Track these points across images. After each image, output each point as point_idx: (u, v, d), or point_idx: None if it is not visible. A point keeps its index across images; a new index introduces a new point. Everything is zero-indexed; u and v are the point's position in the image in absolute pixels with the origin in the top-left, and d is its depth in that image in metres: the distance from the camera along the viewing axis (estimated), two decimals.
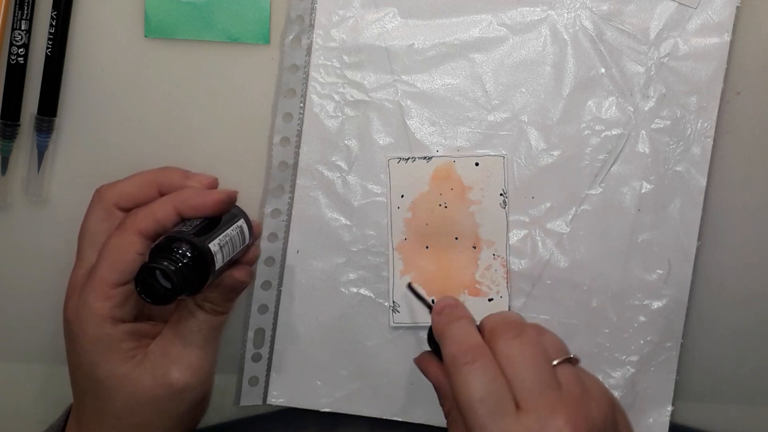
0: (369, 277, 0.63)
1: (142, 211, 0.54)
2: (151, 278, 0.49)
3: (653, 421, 0.63)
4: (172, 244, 0.50)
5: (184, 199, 0.54)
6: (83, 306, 0.53)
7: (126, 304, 0.53)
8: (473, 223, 0.63)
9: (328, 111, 0.62)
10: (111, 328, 0.53)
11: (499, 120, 0.62)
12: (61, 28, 0.61)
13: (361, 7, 0.62)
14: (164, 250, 0.50)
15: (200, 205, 0.54)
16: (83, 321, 0.53)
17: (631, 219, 0.63)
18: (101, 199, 0.56)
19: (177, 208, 0.53)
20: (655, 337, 0.63)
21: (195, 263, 0.50)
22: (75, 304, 0.53)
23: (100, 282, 0.52)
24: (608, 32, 0.62)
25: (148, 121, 0.63)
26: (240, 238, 0.55)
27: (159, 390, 0.53)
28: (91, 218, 0.56)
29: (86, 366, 0.53)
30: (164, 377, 0.53)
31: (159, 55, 0.62)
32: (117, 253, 0.52)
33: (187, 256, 0.50)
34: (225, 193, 0.55)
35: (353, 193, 0.63)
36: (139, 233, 0.53)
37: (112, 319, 0.53)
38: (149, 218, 0.53)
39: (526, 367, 0.48)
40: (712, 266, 0.64)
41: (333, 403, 0.64)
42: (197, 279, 0.51)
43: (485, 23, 0.62)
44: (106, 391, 0.53)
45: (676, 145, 0.62)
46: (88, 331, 0.52)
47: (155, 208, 0.53)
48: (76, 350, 0.53)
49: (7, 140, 0.62)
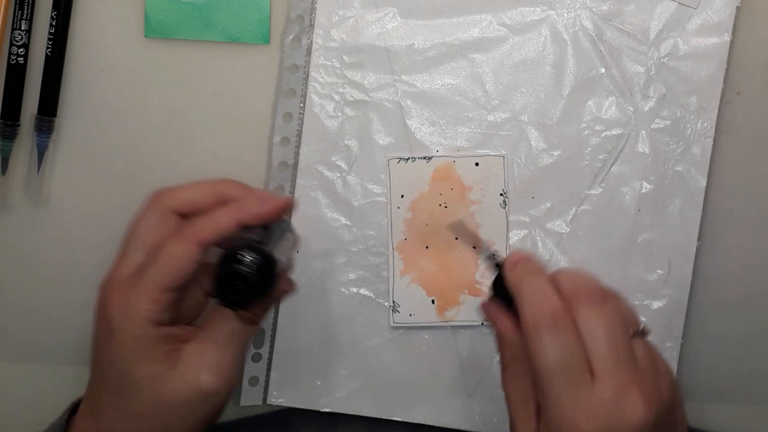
0: (369, 277, 0.63)
1: (204, 221, 0.53)
2: (229, 284, 0.50)
3: None
4: (247, 251, 0.51)
5: (247, 209, 0.54)
6: (129, 305, 0.53)
7: (170, 308, 0.54)
8: (473, 223, 0.63)
9: (328, 111, 0.62)
10: (153, 330, 0.53)
11: (499, 120, 0.62)
12: (61, 28, 0.61)
13: (361, 7, 0.62)
14: (238, 257, 0.51)
15: (262, 213, 0.54)
16: (127, 319, 0.52)
17: (631, 219, 0.63)
18: (159, 201, 0.55)
19: (239, 219, 0.53)
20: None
21: (266, 272, 0.51)
22: (120, 302, 0.53)
23: (152, 285, 0.52)
24: (608, 32, 0.62)
25: (148, 121, 0.63)
26: (289, 248, 0.56)
27: (189, 393, 0.54)
28: (145, 219, 0.55)
29: (120, 363, 0.53)
30: (196, 381, 0.53)
31: (159, 55, 0.62)
32: (174, 260, 0.52)
33: (261, 264, 0.51)
34: (284, 200, 0.55)
35: (353, 193, 0.63)
36: (199, 243, 0.53)
37: (154, 322, 0.53)
38: (212, 229, 0.53)
39: (607, 338, 0.48)
40: (712, 266, 0.64)
41: (333, 403, 0.64)
42: (265, 287, 0.51)
43: (485, 23, 0.62)
44: (137, 390, 0.53)
45: (676, 145, 0.62)
46: (130, 330, 0.52)
47: (218, 219, 0.53)
48: (112, 346, 0.53)
49: (7, 140, 0.62)
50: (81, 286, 0.64)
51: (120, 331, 0.53)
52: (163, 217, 0.55)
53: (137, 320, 0.52)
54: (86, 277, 0.64)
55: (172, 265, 0.52)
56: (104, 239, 0.64)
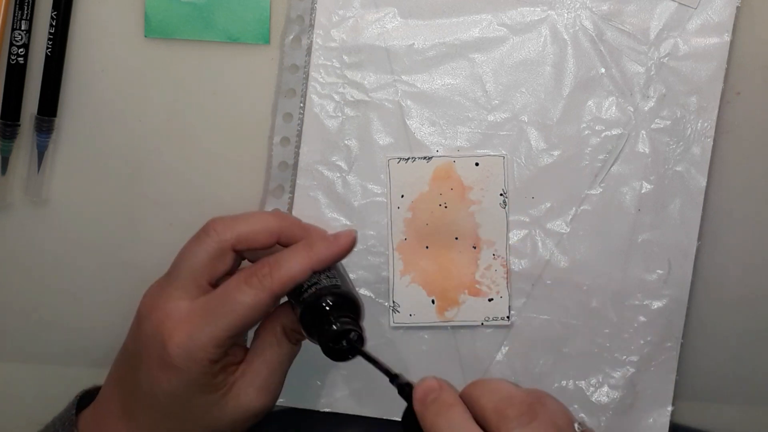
0: (369, 277, 0.63)
1: (279, 273, 0.53)
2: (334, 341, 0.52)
3: (653, 421, 0.63)
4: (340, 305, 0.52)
5: (319, 255, 0.53)
6: (195, 348, 0.52)
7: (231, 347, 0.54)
8: (473, 223, 0.63)
9: (328, 111, 0.62)
10: (213, 367, 0.53)
11: (499, 120, 0.62)
12: (61, 28, 0.61)
13: (361, 7, 0.62)
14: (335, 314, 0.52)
15: (333, 257, 0.54)
16: (191, 360, 0.52)
17: (631, 219, 0.63)
18: (217, 236, 0.54)
19: (313, 267, 0.53)
20: (655, 337, 0.63)
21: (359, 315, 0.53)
22: (183, 341, 0.52)
23: (220, 332, 0.52)
24: (608, 32, 0.62)
25: (148, 121, 0.63)
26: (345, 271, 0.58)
27: (239, 414, 0.54)
28: (202, 252, 0.54)
29: (176, 395, 0.53)
30: (247, 402, 0.54)
31: (159, 55, 0.62)
32: (245, 309, 0.52)
33: (356, 312, 0.53)
34: (350, 238, 0.55)
35: (353, 193, 0.63)
36: (273, 294, 0.53)
37: (216, 361, 0.53)
38: (288, 281, 0.53)
39: None
40: (712, 266, 0.63)
41: (333, 403, 0.64)
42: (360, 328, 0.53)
43: (485, 23, 0.62)
44: (190, 416, 0.54)
45: (676, 145, 0.62)
46: (193, 369, 0.53)
47: (293, 271, 0.53)
48: (170, 380, 0.53)
49: (7, 140, 0.62)
50: (81, 286, 0.65)
51: (182, 370, 0.52)
52: (221, 254, 0.54)
53: (202, 362, 0.52)
54: (86, 277, 0.65)
55: (244, 315, 0.52)
56: (104, 239, 0.64)
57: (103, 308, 0.65)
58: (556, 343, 0.63)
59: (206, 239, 0.55)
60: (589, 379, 0.63)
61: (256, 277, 0.53)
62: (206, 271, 0.54)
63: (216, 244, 0.54)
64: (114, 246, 0.64)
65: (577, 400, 0.63)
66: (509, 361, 0.63)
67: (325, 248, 0.54)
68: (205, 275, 0.54)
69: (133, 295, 0.64)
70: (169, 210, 0.63)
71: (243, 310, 0.52)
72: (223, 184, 0.63)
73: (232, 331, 0.53)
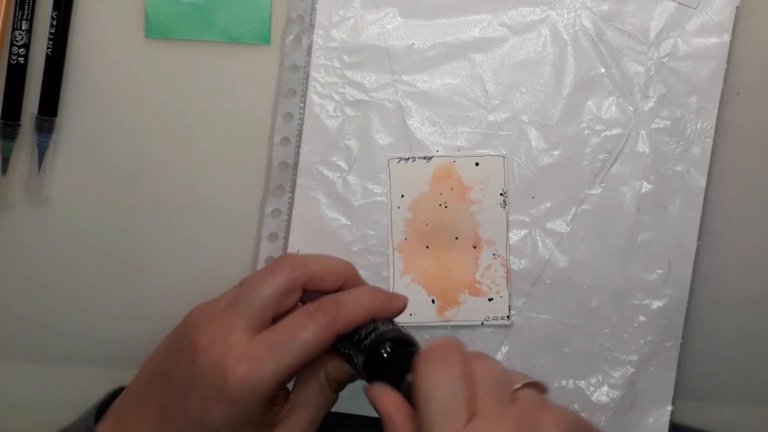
0: (369, 277, 0.63)
1: (345, 311, 0.52)
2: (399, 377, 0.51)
3: (653, 421, 0.63)
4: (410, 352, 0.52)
5: (383, 311, 0.53)
6: (258, 383, 0.51)
7: None
8: (473, 223, 0.63)
9: (329, 111, 0.62)
10: (269, 403, 0.53)
11: (499, 120, 0.62)
12: (62, 28, 0.61)
13: (362, 7, 0.62)
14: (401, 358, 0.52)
15: (395, 309, 0.54)
16: (252, 395, 0.52)
17: (631, 219, 0.63)
18: (291, 271, 0.54)
19: (374, 315, 0.53)
20: (655, 337, 0.63)
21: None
22: (246, 376, 0.51)
23: (283, 369, 0.52)
24: (608, 32, 0.62)
25: (148, 121, 0.63)
26: None
27: None
28: (274, 286, 0.53)
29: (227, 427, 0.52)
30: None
31: (159, 55, 0.62)
32: (308, 347, 0.52)
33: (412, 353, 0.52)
34: (405, 300, 0.55)
35: (353, 193, 0.63)
36: (335, 333, 0.52)
37: (272, 398, 0.53)
38: (353, 321, 0.52)
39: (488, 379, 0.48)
40: (712, 266, 0.64)
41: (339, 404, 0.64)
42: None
43: (485, 23, 0.62)
44: None
45: (676, 145, 0.62)
46: (251, 405, 0.52)
47: (355, 315, 0.53)
48: (223, 412, 0.52)
49: (7, 140, 0.62)
50: (81, 286, 0.65)
51: (239, 404, 0.52)
52: (292, 290, 0.53)
53: (261, 397, 0.52)
54: (86, 277, 0.65)
55: (306, 352, 0.52)
56: (104, 239, 0.64)
57: (104, 308, 0.65)
58: (556, 342, 0.63)
59: (280, 273, 0.53)
60: (589, 379, 0.63)
61: (321, 313, 0.52)
62: (274, 306, 0.53)
63: (290, 279, 0.53)
64: (114, 246, 0.64)
65: (577, 399, 0.63)
66: (509, 361, 0.63)
67: (388, 305, 0.54)
68: (271, 309, 0.53)
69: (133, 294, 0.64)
70: (169, 210, 0.63)
71: (306, 347, 0.52)
72: (223, 184, 0.63)
73: (294, 368, 0.52)
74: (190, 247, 0.64)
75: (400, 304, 0.54)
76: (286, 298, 0.53)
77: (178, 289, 0.64)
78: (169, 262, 0.64)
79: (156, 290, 0.64)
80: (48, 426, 0.60)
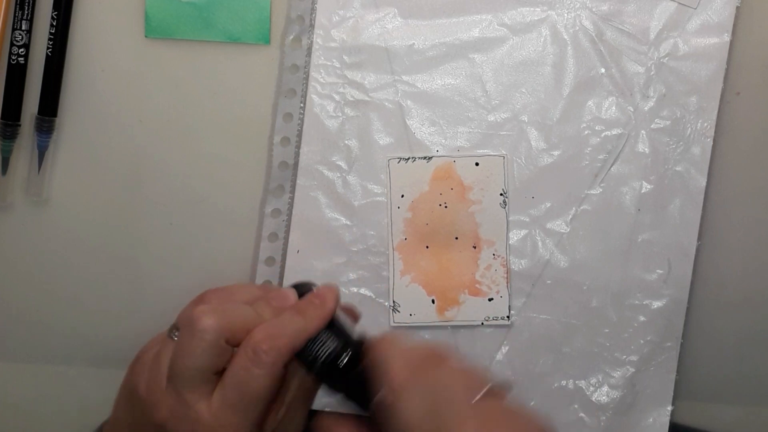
0: (369, 277, 0.63)
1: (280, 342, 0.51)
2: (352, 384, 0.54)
3: (653, 421, 0.63)
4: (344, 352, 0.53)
5: (315, 326, 0.53)
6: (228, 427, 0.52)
7: None
8: (473, 223, 0.63)
9: (329, 111, 0.62)
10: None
11: (499, 120, 0.62)
12: (62, 28, 0.61)
13: (361, 8, 0.62)
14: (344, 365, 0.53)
15: (325, 319, 0.54)
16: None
17: (631, 219, 0.63)
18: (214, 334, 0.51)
19: (309, 336, 0.53)
20: (655, 337, 0.63)
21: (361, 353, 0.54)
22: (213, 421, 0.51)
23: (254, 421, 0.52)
24: (608, 32, 0.62)
25: (148, 121, 0.63)
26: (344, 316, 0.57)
27: None
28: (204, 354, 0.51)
29: None
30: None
31: (159, 55, 0.62)
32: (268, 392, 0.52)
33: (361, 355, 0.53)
34: (334, 293, 0.54)
35: (353, 193, 0.63)
36: (284, 364, 0.52)
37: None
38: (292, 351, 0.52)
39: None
40: (712, 266, 0.64)
41: (333, 403, 0.63)
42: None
43: (485, 23, 0.62)
44: None
45: (676, 145, 0.62)
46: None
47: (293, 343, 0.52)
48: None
49: (7, 140, 0.62)
50: (81, 286, 0.65)
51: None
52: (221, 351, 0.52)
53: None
54: (86, 277, 0.65)
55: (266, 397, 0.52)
56: (104, 239, 0.64)
57: (104, 308, 0.65)
58: (556, 342, 0.63)
59: (202, 339, 0.51)
60: (589, 379, 0.63)
61: (263, 354, 0.51)
62: (212, 368, 0.52)
63: (212, 344, 0.51)
64: (114, 246, 0.64)
65: (577, 399, 0.63)
66: (509, 361, 0.63)
67: (317, 316, 0.53)
68: (211, 370, 0.52)
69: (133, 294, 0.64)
70: (169, 210, 0.64)
71: (265, 392, 0.51)
72: (223, 184, 0.63)
73: (262, 415, 0.52)
74: (190, 247, 0.64)
75: (327, 311, 0.54)
76: (219, 359, 0.52)
77: (178, 289, 0.64)
78: (169, 262, 0.64)
79: (156, 290, 0.64)
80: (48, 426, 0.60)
